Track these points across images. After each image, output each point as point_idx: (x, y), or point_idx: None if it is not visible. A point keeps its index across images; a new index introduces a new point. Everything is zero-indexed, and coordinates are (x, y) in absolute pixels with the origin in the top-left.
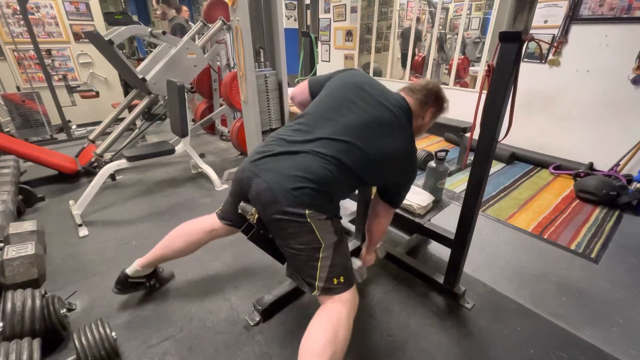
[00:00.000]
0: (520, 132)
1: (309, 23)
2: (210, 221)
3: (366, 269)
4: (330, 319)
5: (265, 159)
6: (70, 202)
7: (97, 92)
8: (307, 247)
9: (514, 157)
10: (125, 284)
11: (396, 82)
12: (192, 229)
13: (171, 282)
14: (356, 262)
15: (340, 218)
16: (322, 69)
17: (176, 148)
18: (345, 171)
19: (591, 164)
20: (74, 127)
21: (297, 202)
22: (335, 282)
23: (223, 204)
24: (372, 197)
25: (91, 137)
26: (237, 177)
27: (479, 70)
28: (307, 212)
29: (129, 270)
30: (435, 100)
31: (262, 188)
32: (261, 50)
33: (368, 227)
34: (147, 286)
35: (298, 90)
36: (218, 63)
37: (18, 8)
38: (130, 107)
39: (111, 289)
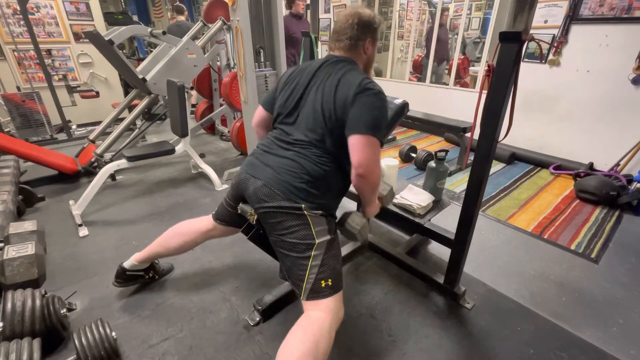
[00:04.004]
0: (520, 132)
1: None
2: (206, 222)
3: (368, 227)
4: (312, 328)
5: (259, 163)
6: (70, 202)
7: (97, 92)
8: (301, 243)
9: (514, 157)
10: (123, 276)
11: (396, 82)
12: (187, 230)
13: (171, 282)
14: (355, 219)
15: (335, 218)
16: None
17: (176, 148)
18: (332, 156)
19: (591, 164)
20: (74, 127)
21: (294, 196)
22: (323, 285)
23: (218, 206)
24: None
25: (91, 137)
26: (234, 181)
27: (479, 70)
28: (303, 205)
29: (127, 264)
30: (364, 29)
31: (258, 185)
32: (261, 50)
33: (352, 182)
34: (146, 278)
35: (256, 120)
36: (218, 63)
37: (18, 8)
38: (130, 107)
39: (112, 283)
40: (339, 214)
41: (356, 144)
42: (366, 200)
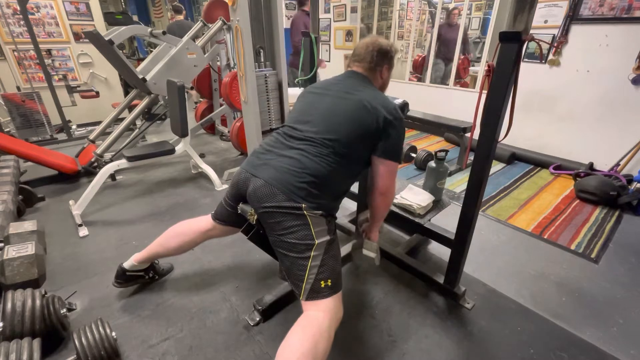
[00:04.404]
0: (520, 132)
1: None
2: (205, 222)
3: (379, 250)
4: (312, 328)
5: (260, 162)
6: (70, 202)
7: (97, 92)
8: (301, 243)
9: (514, 157)
10: (123, 277)
11: (396, 82)
12: (186, 229)
13: (171, 282)
14: (369, 246)
15: (336, 219)
16: (322, 69)
17: (176, 148)
18: (339, 157)
19: (591, 164)
20: (74, 127)
21: (294, 195)
22: (322, 285)
23: (217, 206)
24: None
25: (91, 137)
26: (234, 180)
27: (479, 70)
28: (303, 205)
29: (127, 265)
30: (382, 57)
31: (259, 185)
32: (261, 50)
33: (371, 201)
34: (146, 278)
35: None
36: (218, 63)
37: (18, 8)
38: (130, 107)
39: (111, 283)
40: (340, 214)
41: (386, 171)
42: (377, 221)
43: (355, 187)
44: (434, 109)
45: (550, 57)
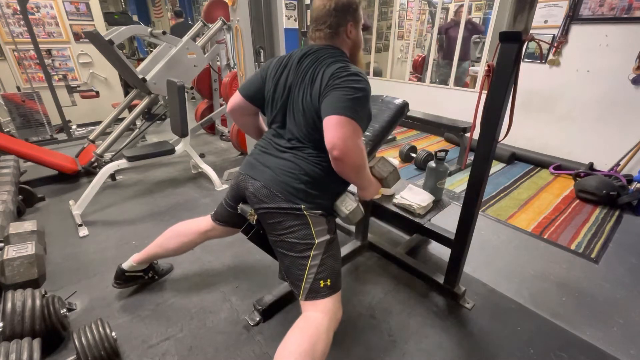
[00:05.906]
0: (520, 132)
1: (309, 23)
2: (205, 223)
3: (360, 212)
4: (310, 329)
5: (258, 164)
6: (70, 202)
7: (97, 92)
8: (301, 243)
9: (514, 157)
10: (123, 278)
11: (397, 82)
12: (186, 230)
13: (171, 282)
14: (346, 203)
15: (335, 218)
16: None
17: (176, 148)
18: (328, 155)
19: (591, 164)
20: (74, 127)
21: (293, 197)
22: (322, 285)
23: (217, 207)
24: None
25: (91, 137)
26: (233, 182)
27: (479, 70)
28: (302, 206)
29: (125, 265)
30: (343, 14)
31: (258, 186)
32: (261, 50)
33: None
34: (146, 279)
35: (230, 105)
36: (218, 63)
37: (18, 8)
38: (130, 107)
39: (111, 284)
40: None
41: (327, 124)
42: (355, 184)
43: (354, 187)
44: (434, 109)
45: (550, 57)
